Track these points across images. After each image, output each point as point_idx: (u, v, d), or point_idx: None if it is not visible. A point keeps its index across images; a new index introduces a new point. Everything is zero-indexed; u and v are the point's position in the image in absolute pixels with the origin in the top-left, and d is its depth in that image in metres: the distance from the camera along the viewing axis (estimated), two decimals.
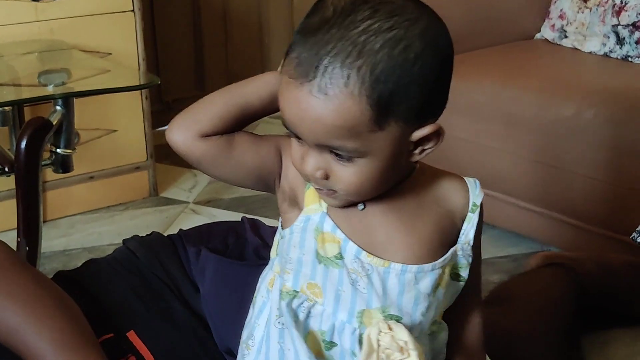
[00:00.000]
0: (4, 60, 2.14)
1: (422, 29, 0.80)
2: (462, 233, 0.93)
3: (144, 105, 2.46)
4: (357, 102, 0.77)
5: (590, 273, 1.69)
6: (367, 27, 0.77)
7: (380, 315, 0.89)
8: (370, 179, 0.83)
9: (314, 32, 0.79)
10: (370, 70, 0.77)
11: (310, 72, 0.78)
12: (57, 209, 2.36)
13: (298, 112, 0.80)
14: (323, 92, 0.77)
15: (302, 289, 0.91)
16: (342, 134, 0.79)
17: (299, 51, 0.79)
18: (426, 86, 0.80)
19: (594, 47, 2.26)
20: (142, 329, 1.12)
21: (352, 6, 0.79)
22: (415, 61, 0.78)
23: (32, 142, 1.64)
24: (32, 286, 1.01)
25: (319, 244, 0.89)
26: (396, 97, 0.78)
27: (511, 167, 1.99)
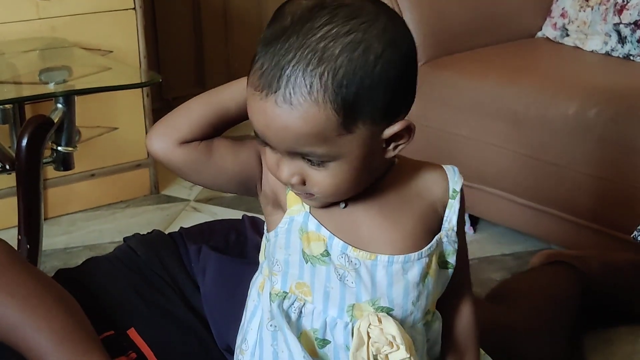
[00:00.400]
0: (5, 58, 2.14)
1: (381, 29, 0.80)
2: (445, 220, 0.94)
3: (145, 103, 2.46)
4: (322, 108, 0.78)
5: (592, 271, 1.69)
6: (326, 33, 0.78)
7: (370, 308, 0.89)
8: (345, 180, 0.84)
9: (274, 41, 0.79)
10: (332, 76, 0.78)
11: (274, 83, 0.78)
12: (58, 206, 2.36)
13: (265, 122, 0.81)
14: (287, 102, 0.78)
15: (291, 289, 0.91)
16: (311, 140, 0.80)
17: (261, 62, 0.80)
18: (390, 86, 0.81)
19: (595, 45, 2.25)
20: (142, 327, 1.12)
21: (310, 13, 0.80)
22: (376, 62, 0.79)
23: (33, 139, 1.64)
24: (32, 284, 1.01)
25: (304, 243, 0.89)
26: (361, 100, 0.79)
27: (514, 165, 1.99)
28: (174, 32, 3.11)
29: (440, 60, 2.24)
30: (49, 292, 1.01)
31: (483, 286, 1.84)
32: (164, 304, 1.17)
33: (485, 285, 1.85)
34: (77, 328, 0.98)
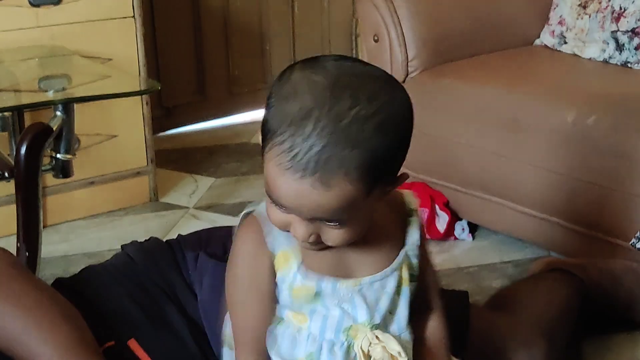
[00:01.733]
0: (5, 66, 2.14)
1: (398, 104, 0.85)
2: (407, 235, 1.00)
3: (145, 111, 2.46)
4: (355, 187, 0.82)
5: (592, 279, 1.69)
6: (355, 116, 0.81)
7: (366, 328, 0.95)
8: (358, 233, 0.89)
9: (300, 123, 0.81)
10: (367, 159, 0.81)
11: (309, 167, 0.81)
12: (57, 214, 2.36)
13: (297, 200, 0.83)
14: (325, 185, 0.81)
15: (288, 316, 0.96)
16: (339, 212, 0.84)
17: (291, 145, 0.81)
18: (404, 151, 0.87)
19: (593, 53, 2.26)
20: (142, 337, 1.12)
21: (333, 95, 0.81)
22: (402, 137, 0.85)
23: (32, 147, 1.64)
24: (37, 295, 1.01)
25: (293, 297, 0.94)
26: (384, 171, 0.85)
27: (513, 172, 1.99)
28: (174, 40, 3.11)
29: (439, 67, 2.24)
30: (52, 304, 1.01)
31: (483, 293, 1.84)
32: (162, 313, 1.17)
33: (485, 292, 1.85)
34: (80, 340, 0.98)
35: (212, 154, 2.94)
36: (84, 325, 1.02)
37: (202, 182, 2.70)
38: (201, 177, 2.74)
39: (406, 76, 2.25)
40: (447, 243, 2.17)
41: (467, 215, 2.20)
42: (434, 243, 2.16)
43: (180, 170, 2.79)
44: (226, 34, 3.22)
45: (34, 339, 0.96)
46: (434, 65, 2.25)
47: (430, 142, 2.16)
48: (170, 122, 3.16)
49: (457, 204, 2.19)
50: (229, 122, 3.27)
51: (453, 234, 2.19)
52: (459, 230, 2.20)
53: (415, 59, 2.24)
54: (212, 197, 2.58)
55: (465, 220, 2.21)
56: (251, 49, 3.30)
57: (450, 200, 2.19)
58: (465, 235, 2.20)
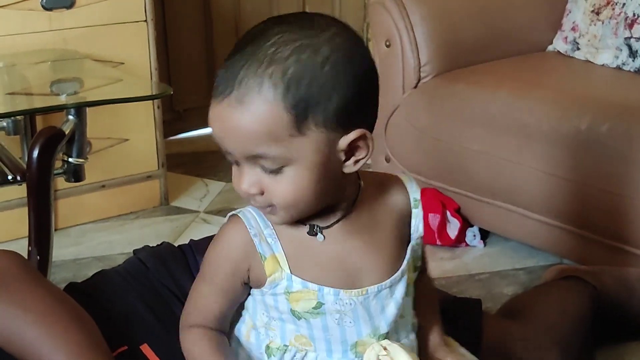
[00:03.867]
0: (17, 69, 2.14)
1: (329, 36, 0.83)
2: (413, 230, 0.98)
3: (156, 115, 2.46)
4: (272, 106, 0.81)
5: (605, 286, 1.68)
6: (277, 39, 0.82)
7: (372, 340, 0.93)
8: (304, 188, 0.85)
9: (231, 57, 0.84)
10: (281, 76, 0.81)
11: (228, 88, 0.83)
12: (68, 217, 2.36)
13: (221, 125, 0.85)
14: (240, 102, 0.82)
15: (291, 342, 0.94)
16: (263, 139, 0.82)
17: (219, 75, 0.85)
18: (340, 90, 0.82)
19: (606, 59, 2.25)
20: (155, 342, 1.12)
21: (265, 28, 0.85)
22: (324, 63, 0.82)
23: (44, 151, 1.64)
24: (49, 299, 1.01)
25: (292, 303, 0.92)
26: (311, 100, 0.81)
27: (526, 179, 1.98)
28: (185, 44, 3.11)
29: (451, 73, 2.23)
30: (65, 309, 1.01)
31: (495, 301, 1.83)
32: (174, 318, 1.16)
33: (497, 300, 1.84)
34: (93, 346, 0.98)
35: (222, 158, 2.88)
36: (97, 330, 1.02)
37: (212, 186, 2.70)
38: (212, 181, 2.74)
39: (418, 81, 2.24)
40: (458, 249, 2.16)
41: (478, 221, 2.19)
42: (445, 249, 2.15)
43: (191, 174, 2.79)
44: (237, 38, 3.22)
45: (46, 345, 0.96)
46: (446, 71, 2.24)
47: (441, 147, 2.16)
48: (181, 126, 3.16)
49: (469, 211, 2.18)
50: None
51: (464, 241, 2.19)
52: (470, 236, 2.19)
53: (427, 65, 2.23)
54: (223, 201, 2.57)
55: (477, 226, 2.20)
56: None
57: (462, 206, 2.18)
58: (476, 242, 2.19)
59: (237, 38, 0.86)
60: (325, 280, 0.91)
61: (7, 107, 1.86)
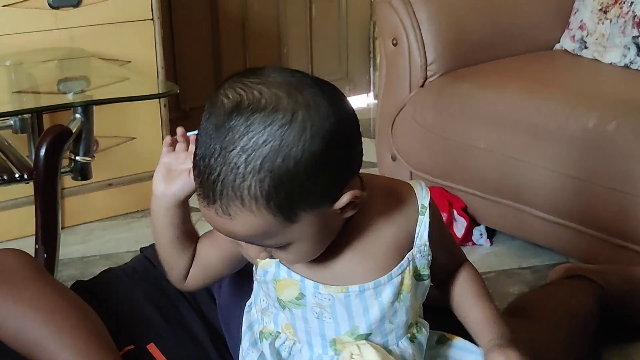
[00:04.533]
0: (24, 68, 2.15)
1: (297, 130, 0.80)
2: (416, 237, 0.95)
3: (163, 113, 2.47)
4: (258, 215, 0.81)
5: (612, 286, 1.68)
6: (245, 146, 0.79)
7: (350, 339, 0.93)
8: (308, 252, 0.88)
9: (203, 146, 0.81)
10: (259, 188, 0.80)
11: (210, 195, 0.81)
12: (75, 215, 2.36)
13: (214, 225, 0.85)
14: (226, 214, 0.82)
15: (282, 329, 0.96)
16: (258, 238, 0.84)
17: (198, 169, 0.82)
18: (320, 176, 0.82)
19: (614, 58, 2.24)
20: (161, 341, 1.12)
21: (228, 120, 0.80)
22: (298, 164, 0.80)
23: (51, 149, 1.64)
24: (57, 298, 1.01)
25: (278, 292, 0.93)
26: (294, 199, 0.81)
27: (533, 178, 1.97)
28: (192, 43, 3.11)
29: (458, 72, 2.23)
30: (73, 307, 1.01)
31: (501, 299, 1.83)
32: (181, 317, 1.17)
33: (503, 298, 1.83)
34: (100, 345, 0.98)
35: None
36: (104, 329, 1.02)
37: None
38: None
39: (425, 80, 2.24)
40: (465, 248, 2.16)
41: (485, 220, 2.19)
42: None
43: None
44: (244, 37, 3.23)
45: (53, 343, 0.96)
46: (453, 70, 2.24)
47: (448, 146, 2.15)
48: (188, 125, 3.15)
49: (475, 209, 2.18)
50: None
51: (471, 239, 2.18)
52: (476, 235, 2.19)
53: (434, 63, 2.23)
54: None
55: (483, 225, 2.20)
56: (269, 53, 3.30)
57: (468, 205, 2.18)
58: (483, 241, 2.19)
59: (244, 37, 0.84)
60: (308, 274, 0.92)
61: (14, 106, 1.87)
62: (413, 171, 2.28)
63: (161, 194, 1.00)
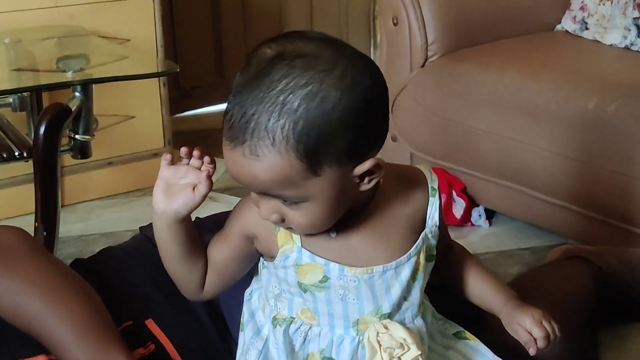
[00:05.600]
0: (23, 46, 2.14)
1: (337, 77, 0.82)
2: (428, 218, 0.99)
3: (162, 92, 2.46)
4: (285, 158, 0.82)
5: (610, 267, 1.68)
6: (285, 87, 0.81)
7: (374, 318, 0.95)
8: (320, 217, 0.88)
9: (240, 92, 0.83)
10: (293, 128, 0.81)
11: (240, 136, 0.83)
12: (75, 194, 2.37)
13: (236, 170, 0.86)
14: (254, 154, 0.83)
15: (297, 314, 0.97)
16: (279, 186, 0.85)
17: (231, 114, 0.84)
18: (351, 130, 0.83)
19: (615, 39, 2.24)
20: (160, 317, 1.12)
21: (271, 65, 0.82)
22: (334, 110, 0.82)
23: (51, 128, 1.64)
24: (54, 274, 1.02)
25: (299, 276, 0.94)
26: (323, 146, 0.82)
27: (532, 159, 1.97)
28: (192, 21, 3.10)
29: (458, 52, 2.22)
30: (70, 283, 1.02)
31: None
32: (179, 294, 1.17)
33: (502, 279, 1.84)
34: (98, 320, 0.99)
35: None
36: (102, 305, 1.02)
37: (219, 164, 2.66)
38: (218, 160, 2.71)
39: (425, 60, 2.23)
40: (463, 229, 2.16)
41: (484, 201, 2.19)
42: (450, 229, 2.13)
43: None
44: (244, 16, 3.21)
45: (51, 318, 0.97)
46: (453, 50, 2.23)
47: (448, 127, 2.15)
48: (188, 104, 3.16)
49: (475, 190, 2.18)
50: None
51: (470, 220, 2.19)
52: (475, 216, 2.19)
53: (434, 43, 2.22)
54: (230, 179, 2.57)
55: (483, 206, 2.20)
56: (269, 31, 3.27)
57: (468, 186, 2.18)
58: (482, 222, 2.19)
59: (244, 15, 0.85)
60: (331, 257, 0.93)
61: (13, 84, 1.86)
62: (413, 152, 2.28)
63: (162, 211, 0.96)
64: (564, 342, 1.45)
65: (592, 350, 1.62)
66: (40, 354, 1.00)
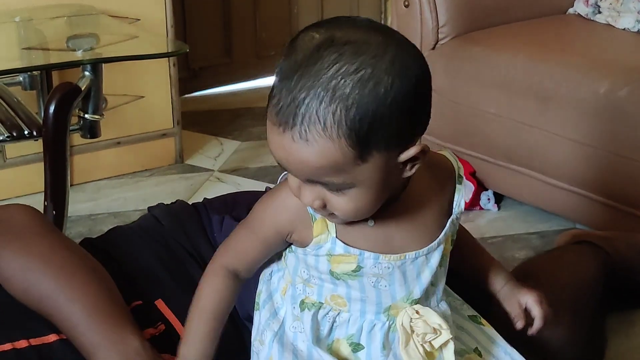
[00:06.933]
0: (33, 24, 2.14)
1: (388, 62, 0.82)
2: (455, 205, 0.99)
3: (171, 72, 2.46)
4: (336, 144, 0.81)
5: (618, 252, 1.68)
6: (336, 72, 0.80)
7: (405, 304, 0.96)
8: (365, 204, 0.88)
9: (288, 78, 0.82)
10: (345, 114, 0.80)
11: (290, 120, 0.81)
12: (84, 173, 2.37)
13: (284, 155, 0.84)
14: (304, 139, 0.81)
15: (327, 300, 0.97)
16: (327, 172, 0.83)
17: (278, 98, 0.83)
18: (403, 115, 0.83)
19: (627, 23, 2.22)
20: (169, 298, 1.13)
21: (319, 51, 0.81)
22: (387, 95, 0.81)
23: (61, 107, 1.64)
24: (67, 254, 1.02)
25: (332, 265, 0.94)
26: (374, 132, 0.82)
27: (541, 143, 1.97)
28: (202, 2, 3.09)
29: (470, 35, 2.21)
30: (82, 263, 1.02)
31: (507, 264, 1.83)
32: (188, 275, 1.17)
33: (509, 263, 1.84)
34: (109, 299, 0.99)
35: (238, 117, 2.94)
36: (113, 284, 1.03)
37: (227, 145, 2.70)
38: (226, 140, 2.74)
39: (436, 43, 2.22)
40: (472, 213, 2.16)
41: (493, 185, 2.18)
42: None
43: (205, 133, 2.79)
44: None
45: (63, 298, 0.97)
46: (465, 33, 2.22)
47: (458, 110, 2.14)
48: (197, 84, 3.15)
49: (484, 174, 2.17)
50: (256, 85, 3.26)
51: (478, 204, 2.18)
52: (484, 200, 2.19)
53: (446, 26, 2.21)
54: (237, 160, 2.58)
55: (491, 190, 2.20)
56: (279, 12, 3.27)
57: (477, 169, 2.18)
58: (490, 206, 2.19)
59: None
60: (367, 246, 0.93)
61: (23, 62, 1.86)
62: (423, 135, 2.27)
63: None
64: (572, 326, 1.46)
65: (600, 335, 1.62)
66: (51, 333, 1.00)
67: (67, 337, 0.99)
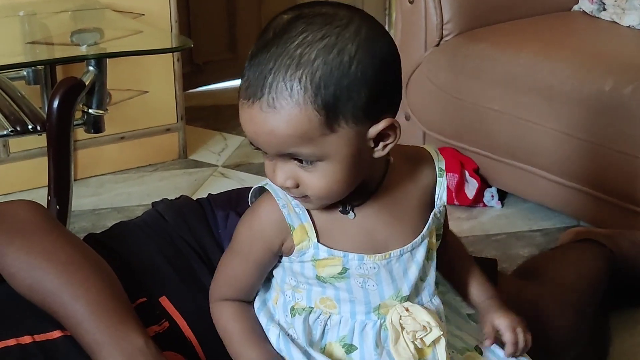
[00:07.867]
0: (38, 19, 2.14)
1: (354, 31, 0.84)
2: (437, 198, 1.00)
3: (176, 67, 2.46)
4: (303, 110, 0.83)
5: (622, 250, 1.68)
6: (302, 40, 0.83)
7: (395, 302, 0.96)
8: (337, 180, 0.88)
9: (257, 54, 0.85)
10: (310, 79, 0.82)
11: (258, 91, 0.83)
12: (88, 168, 2.37)
13: (253, 128, 0.86)
14: (272, 107, 0.83)
15: (316, 304, 0.97)
16: (296, 141, 0.84)
17: (247, 75, 0.85)
18: (368, 84, 0.84)
19: (632, 21, 2.21)
20: (173, 294, 1.12)
21: (288, 24, 0.85)
22: (351, 62, 0.83)
23: (64, 102, 1.64)
24: (71, 250, 1.02)
25: (318, 269, 0.94)
26: (340, 99, 0.83)
27: (546, 140, 1.96)
28: None
29: (474, 32, 2.21)
30: (86, 259, 1.02)
31: (510, 262, 1.84)
32: (192, 271, 1.17)
33: (512, 260, 1.84)
34: (113, 296, 0.99)
35: None
36: (117, 280, 1.03)
37: (231, 140, 2.70)
38: (230, 136, 2.74)
39: (440, 39, 2.22)
40: (475, 210, 2.16)
41: (496, 182, 2.18)
42: (462, 209, 2.15)
43: (209, 128, 2.79)
44: None
45: (67, 294, 0.97)
46: (469, 29, 2.22)
47: (462, 107, 2.14)
48: (201, 79, 3.15)
49: (487, 171, 2.17)
50: None
51: (482, 201, 2.18)
52: (488, 197, 2.19)
53: (450, 22, 2.21)
54: (241, 155, 2.58)
55: (495, 187, 2.20)
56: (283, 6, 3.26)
57: (480, 166, 2.18)
58: (494, 203, 2.19)
59: None
60: (350, 247, 0.94)
61: (27, 57, 1.86)
62: (426, 131, 2.27)
63: None
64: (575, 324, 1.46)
65: (604, 333, 1.62)
66: (56, 330, 1.00)
67: (71, 334, 0.98)
